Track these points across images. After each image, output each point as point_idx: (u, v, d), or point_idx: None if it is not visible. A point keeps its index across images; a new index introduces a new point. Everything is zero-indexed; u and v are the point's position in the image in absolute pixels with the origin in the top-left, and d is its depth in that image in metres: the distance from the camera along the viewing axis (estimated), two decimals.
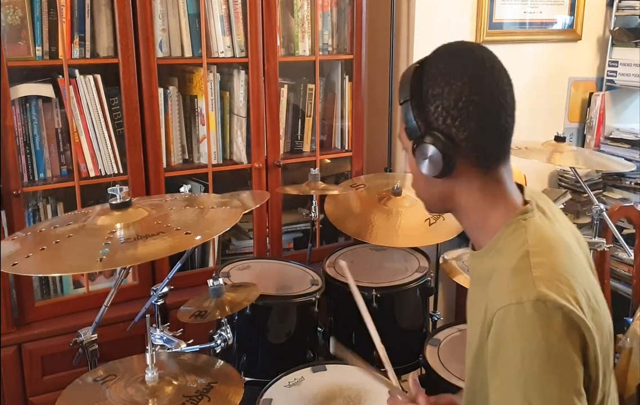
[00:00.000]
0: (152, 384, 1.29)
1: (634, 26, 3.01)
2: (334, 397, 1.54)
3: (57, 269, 1.32)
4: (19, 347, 1.95)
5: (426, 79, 1.02)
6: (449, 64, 1.01)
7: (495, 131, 1.01)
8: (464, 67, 1.00)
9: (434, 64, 1.03)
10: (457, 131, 1.00)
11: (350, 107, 2.49)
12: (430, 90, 1.01)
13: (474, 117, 0.99)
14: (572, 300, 0.91)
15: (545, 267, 0.94)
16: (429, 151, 1.01)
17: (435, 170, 1.02)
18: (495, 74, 1.01)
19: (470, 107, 0.99)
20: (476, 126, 0.99)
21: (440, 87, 1.00)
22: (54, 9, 1.89)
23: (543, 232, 1.00)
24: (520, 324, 0.90)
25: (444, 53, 1.04)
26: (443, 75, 1.00)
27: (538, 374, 0.88)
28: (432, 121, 1.01)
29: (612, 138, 3.03)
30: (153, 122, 2.08)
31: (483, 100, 0.99)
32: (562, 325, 0.89)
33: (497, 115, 1.00)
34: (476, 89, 0.99)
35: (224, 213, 1.39)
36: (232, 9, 2.17)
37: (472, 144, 1.00)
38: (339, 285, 1.99)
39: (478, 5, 2.68)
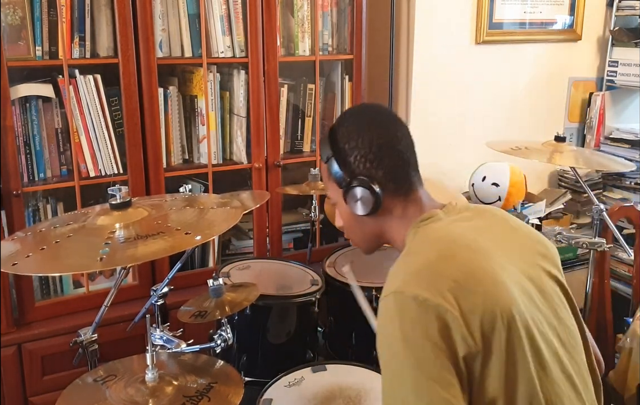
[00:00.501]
0: (152, 384, 1.28)
1: (634, 26, 3.01)
2: (334, 397, 1.54)
3: (57, 268, 1.32)
4: (19, 347, 1.95)
5: (341, 136, 1.20)
6: (357, 120, 1.22)
7: (402, 163, 1.20)
8: (369, 120, 1.21)
9: (346, 123, 1.22)
10: (375, 171, 1.18)
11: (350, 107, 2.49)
12: (347, 145, 1.19)
13: (386, 155, 1.18)
14: (431, 290, 0.98)
15: (413, 264, 1.06)
16: (359, 193, 1.18)
17: (367, 207, 1.18)
18: (391, 120, 1.23)
19: (382, 149, 1.18)
20: (389, 162, 1.18)
21: (354, 140, 1.19)
22: (54, 9, 1.89)
23: (429, 234, 1.14)
24: (383, 314, 1.02)
25: (350, 115, 1.27)
26: (355, 130, 1.20)
27: (399, 360, 0.97)
28: (355, 169, 1.19)
29: (612, 138, 3.03)
30: (153, 122, 2.08)
31: (388, 141, 1.19)
32: (416, 313, 0.97)
33: (401, 151, 1.20)
34: (382, 134, 1.19)
35: (224, 213, 1.39)
36: (232, 9, 2.18)
37: (389, 177, 1.18)
38: (339, 285, 1.99)
39: (478, 5, 2.68)
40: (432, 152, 2.73)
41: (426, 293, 0.98)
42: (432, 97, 2.69)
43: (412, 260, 1.09)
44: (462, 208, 1.23)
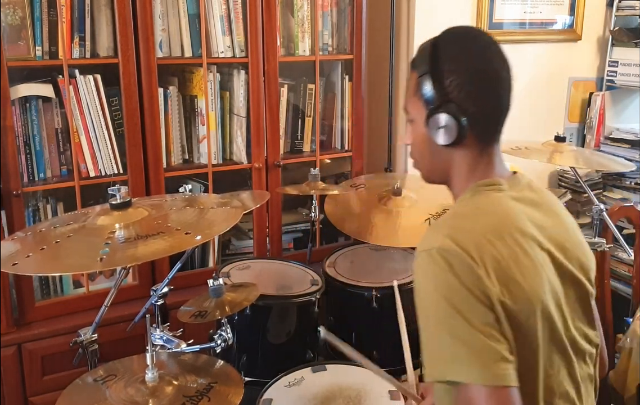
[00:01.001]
0: (152, 384, 1.29)
1: (634, 26, 3.01)
2: (334, 397, 1.54)
3: (57, 268, 1.32)
4: (19, 347, 1.95)
5: (443, 54, 1.10)
6: (465, 45, 1.12)
7: (499, 109, 1.12)
8: (478, 48, 1.11)
9: (452, 41, 1.12)
10: (468, 104, 1.08)
11: (350, 107, 2.49)
12: (447, 65, 1.09)
13: (484, 92, 1.09)
14: (475, 256, 0.97)
15: (460, 229, 1.02)
16: (444, 121, 1.09)
17: (448, 138, 1.10)
18: (501, 57, 1.12)
19: (483, 84, 1.09)
20: (485, 101, 1.10)
21: (456, 64, 1.09)
22: (54, 9, 1.89)
23: (486, 203, 1.09)
24: (424, 268, 1.01)
25: (458, 35, 1.14)
26: (460, 53, 1.10)
27: (446, 313, 0.96)
28: (448, 93, 1.09)
29: (612, 138, 3.03)
30: (153, 122, 2.08)
31: (491, 79, 1.10)
32: (462, 269, 0.96)
33: (501, 95, 1.11)
34: (487, 68, 1.10)
35: (224, 213, 1.39)
36: (232, 9, 2.17)
37: (480, 116, 1.10)
38: (339, 285, 1.99)
39: (478, 5, 2.68)
40: None
41: (469, 258, 0.96)
42: None
43: (459, 224, 1.05)
44: (525, 186, 1.16)
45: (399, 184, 2.14)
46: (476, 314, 0.95)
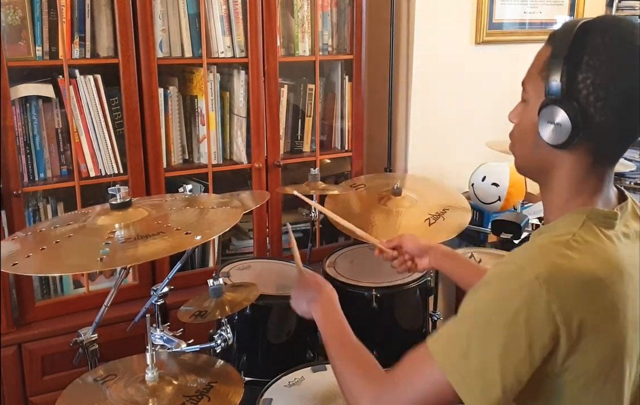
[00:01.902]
0: (152, 384, 1.28)
1: None
2: (334, 397, 1.54)
3: (57, 268, 1.32)
4: (19, 347, 1.95)
5: (589, 44, 0.95)
6: (619, 43, 0.94)
7: (626, 133, 0.98)
8: (633, 54, 0.94)
9: (603, 32, 0.96)
10: (594, 112, 0.94)
11: (350, 107, 2.49)
12: (587, 58, 0.94)
13: (617, 108, 0.94)
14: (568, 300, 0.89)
15: (570, 265, 0.91)
16: (559, 118, 0.95)
17: (555, 139, 0.96)
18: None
19: (619, 97, 0.93)
20: (614, 119, 0.94)
21: (600, 61, 0.93)
22: (54, 9, 1.89)
23: (599, 248, 0.96)
24: (506, 278, 0.92)
25: (616, 27, 0.97)
26: (607, 51, 0.94)
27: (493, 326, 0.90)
28: (575, 89, 0.95)
29: None
30: (153, 122, 2.08)
31: (632, 98, 0.94)
32: (543, 310, 0.88)
33: (637, 118, 0.96)
34: (632, 83, 0.93)
35: (224, 213, 1.39)
36: (232, 9, 2.18)
37: (600, 132, 0.95)
38: (338, 285, 1.99)
39: (478, 6, 2.68)
40: (432, 152, 2.73)
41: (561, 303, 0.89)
42: (432, 97, 2.69)
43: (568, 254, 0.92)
44: (630, 216, 1.04)
45: (399, 184, 2.14)
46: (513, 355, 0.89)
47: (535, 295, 0.89)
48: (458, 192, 2.35)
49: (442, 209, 2.09)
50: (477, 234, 2.58)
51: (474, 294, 0.95)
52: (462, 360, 0.92)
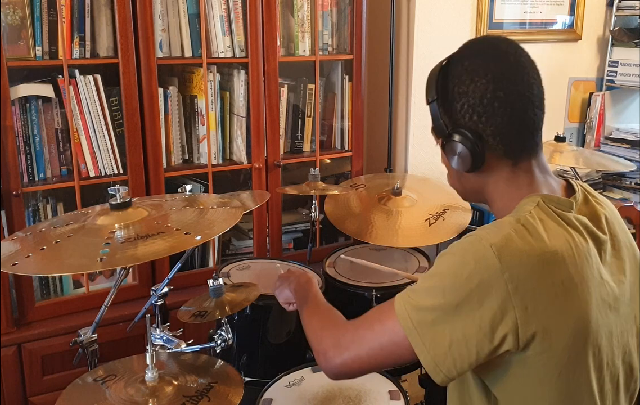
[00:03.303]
0: (152, 384, 1.28)
1: (634, 26, 3.01)
2: (334, 397, 1.54)
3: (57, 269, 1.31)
4: (19, 347, 1.95)
5: (452, 78, 1.05)
6: (474, 62, 1.04)
7: (521, 125, 1.03)
8: (488, 64, 1.03)
9: (459, 61, 1.06)
10: (483, 127, 1.02)
11: (350, 107, 2.49)
12: (456, 89, 1.04)
13: (500, 112, 1.01)
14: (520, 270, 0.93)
15: (524, 239, 0.95)
16: (458, 148, 1.04)
17: (464, 165, 1.05)
18: (520, 68, 1.03)
19: (495, 103, 1.01)
20: (502, 121, 1.02)
21: (466, 86, 1.03)
22: (54, 9, 1.89)
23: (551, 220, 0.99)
24: (465, 245, 0.97)
25: (469, 50, 1.07)
26: (468, 73, 1.03)
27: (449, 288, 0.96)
28: (459, 118, 1.04)
29: (612, 138, 3.03)
30: (153, 122, 2.08)
31: (508, 95, 1.01)
32: (494, 278, 0.92)
33: (523, 109, 1.03)
34: (500, 85, 1.01)
35: (224, 213, 1.39)
36: (232, 9, 2.18)
37: (499, 138, 1.03)
38: (339, 285, 1.99)
39: (478, 5, 2.68)
40: (432, 152, 2.73)
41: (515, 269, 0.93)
42: None
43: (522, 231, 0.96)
44: (582, 202, 1.07)
45: (399, 184, 2.14)
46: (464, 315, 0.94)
47: (489, 262, 0.93)
48: None
49: (442, 208, 2.09)
50: None
51: (439, 258, 1.01)
52: (418, 316, 0.98)
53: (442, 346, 0.96)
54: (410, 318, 0.98)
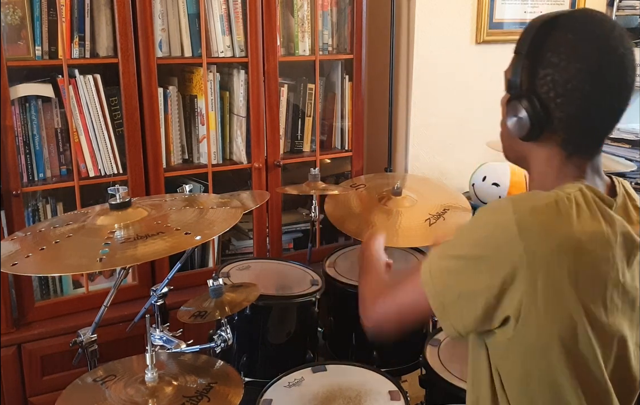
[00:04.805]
0: (151, 384, 1.28)
1: (634, 26, 3.01)
2: (334, 398, 1.54)
3: (57, 269, 1.31)
4: (18, 347, 1.95)
5: (550, 41, 0.98)
6: (579, 40, 0.97)
7: (591, 127, 1.01)
8: (591, 51, 0.96)
9: (565, 29, 0.98)
10: (555, 107, 0.98)
11: (350, 107, 2.49)
12: (548, 55, 0.98)
13: (576, 104, 0.97)
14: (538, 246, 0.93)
15: (551, 216, 0.94)
16: (521, 113, 1.01)
17: (519, 131, 1.02)
18: (620, 69, 0.97)
19: (576, 93, 0.96)
20: (575, 113, 0.98)
21: (559, 58, 0.97)
22: (54, 9, 1.89)
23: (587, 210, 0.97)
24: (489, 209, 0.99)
25: (580, 23, 0.99)
26: (568, 48, 0.96)
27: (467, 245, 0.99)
28: (538, 86, 0.99)
29: (613, 138, 3.02)
30: (153, 122, 2.07)
31: (593, 94, 0.96)
32: (510, 244, 0.93)
33: (599, 113, 0.99)
34: (591, 79, 0.96)
35: (224, 213, 1.39)
36: (232, 9, 2.17)
37: (564, 126, 1.00)
38: (339, 285, 1.99)
39: (478, 5, 2.68)
40: (432, 152, 2.73)
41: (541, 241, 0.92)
42: (432, 97, 2.69)
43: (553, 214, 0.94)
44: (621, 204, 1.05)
45: (399, 184, 2.14)
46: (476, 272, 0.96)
47: (509, 228, 0.93)
48: (458, 192, 2.35)
49: (442, 209, 2.09)
50: None
51: (467, 222, 1.04)
52: (436, 265, 1.03)
53: (452, 294, 0.99)
54: (430, 269, 1.03)
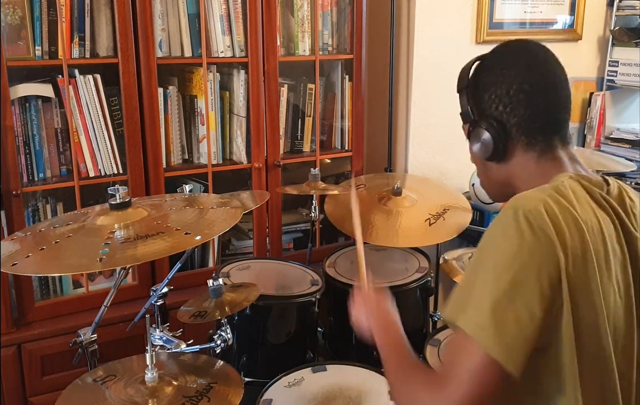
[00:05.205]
0: (151, 384, 1.28)
1: (634, 26, 3.01)
2: (334, 398, 1.54)
3: (57, 269, 1.32)
4: (18, 347, 1.95)
5: (482, 70, 1.12)
6: (504, 56, 1.12)
7: (544, 120, 1.08)
8: (517, 58, 1.10)
9: (491, 56, 1.13)
10: (507, 117, 1.08)
11: (350, 107, 2.49)
12: (485, 80, 1.11)
13: (523, 104, 1.07)
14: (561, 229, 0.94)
15: (559, 203, 0.97)
16: (482, 135, 1.10)
17: (486, 152, 1.10)
18: (547, 67, 1.10)
19: (520, 95, 1.07)
20: (525, 113, 1.07)
21: (495, 77, 1.09)
22: (54, 9, 1.89)
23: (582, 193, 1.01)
24: (502, 221, 0.97)
25: (501, 48, 1.14)
26: (498, 66, 1.10)
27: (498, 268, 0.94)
28: (486, 108, 1.10)
29: (613, 138, 3.02)
30: (153, 122, 2.07)
31: (533, 89, 1.07)
32: (542, 239, 0.92)
33: (546, 104, 1.07)
34: (527, 78, 1.07)
35: (224, 213, 1.39)
36: (232, 9, 2.17)
37: (521, 129, 1.08)
38: (339, 285, 1.98)
39: (478, 5, 2.68)
40: (432, 152, 2.73)
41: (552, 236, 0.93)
42: (432, 97, 2.69)
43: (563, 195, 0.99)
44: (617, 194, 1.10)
45: (399, 184, 2.14)
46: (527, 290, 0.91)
47: (531, 230, 0.93)
48: (458, 192, 2.34)
49: (442, 209, 2.09)
50: (478, 234, 2.58)
51: (479, 249, 0.99)
52: (479, 315, 0.92)
53: (510, 330, 0.91)
54: (476, 322, 0.92)
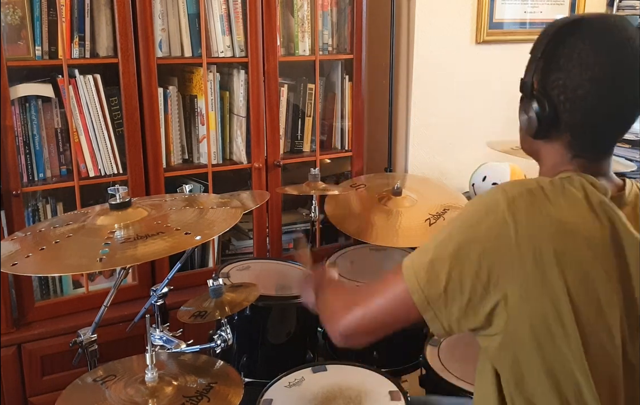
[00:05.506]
0: (151, 384, 1.28)
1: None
2: (334, 398, 1.54)
3: (57, 269, 1.32)
4: (18, 347, 1.95)
5: (565, 46, 1.00)
6: (593, 48, 0.98)
7: (597, 135, 1.03)
8: (603, 61, 0.97)
9: (582, 36, 0.99)
10: (563, 110, 1.01)
11: (350, 107, 2.49)
12: (562, 60, 1.00)
13: (583, 111, 1.00)
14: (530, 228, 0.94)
15: (542, 200, 0.96)
16: (530, 112, 1.04)
17: (528, 130, 1.06)
18: (632, 83, 0.98)
19: (584, 103, 0.99)
20: (581, 121, 1.01)
21: (571, 64, 0.99)
22: (54, 9, 1.89)
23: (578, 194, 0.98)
24: (482, 195, 0.99)
25: (597, 31, 1.00)
26: (581, 56, 0.98)
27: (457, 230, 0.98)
28: (549, 88, 1.02)
29: None
30: (153, 122, 2.07)
31: (600, 106, 0.99)
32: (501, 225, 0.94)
33: (606, 125, 1.02)
34: (600, 90, 0.98)
35: (224, 213, 1.39)
36: (232, 9, 2.17)
37: (569, 130, 1.02)
38: None
39: (478, 5, 2.68)
40: (432, 152, 2.73)
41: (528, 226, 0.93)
42: (432, 97, 2.69)
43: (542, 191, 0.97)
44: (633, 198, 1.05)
45: (399, 184, 2.14)
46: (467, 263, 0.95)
47: (500, 212, 0.94)
48: (458, 192, 2.35)
49: (442, 209, 2.09)
50: None
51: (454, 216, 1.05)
52: (420, 258, 1.00)
53: (437, 287, 0.97)
54: (413, 264, 1.00)
